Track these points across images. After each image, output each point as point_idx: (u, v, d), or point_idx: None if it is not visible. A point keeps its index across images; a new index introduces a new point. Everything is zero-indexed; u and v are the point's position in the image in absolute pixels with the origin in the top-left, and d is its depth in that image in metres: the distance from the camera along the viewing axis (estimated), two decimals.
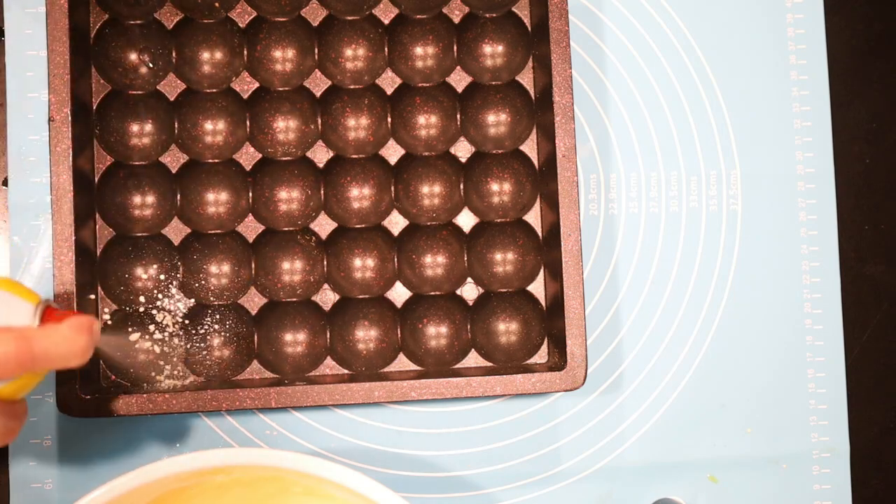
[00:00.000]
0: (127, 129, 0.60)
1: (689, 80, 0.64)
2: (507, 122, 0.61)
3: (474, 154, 0.61)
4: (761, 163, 0.64)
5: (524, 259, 0.61)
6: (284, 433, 0.61)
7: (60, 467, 0.60)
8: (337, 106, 0.61)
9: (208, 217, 0.60)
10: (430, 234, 0.61)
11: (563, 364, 0.57)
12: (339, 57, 0.61)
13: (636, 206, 0.63)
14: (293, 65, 0.61)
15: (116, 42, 0.60)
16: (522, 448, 0.62)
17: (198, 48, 0.60)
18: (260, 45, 0.61)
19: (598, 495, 0.62)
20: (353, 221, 0.61)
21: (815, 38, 0.64)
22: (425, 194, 0.61)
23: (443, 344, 0.60)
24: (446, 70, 0.61)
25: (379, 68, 0.61)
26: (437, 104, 0.61)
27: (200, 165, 0.60)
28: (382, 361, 0.60)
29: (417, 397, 0.57)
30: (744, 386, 0.63)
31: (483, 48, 0.62)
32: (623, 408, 0.62)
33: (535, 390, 0.57)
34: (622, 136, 0.63)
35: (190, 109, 0.60)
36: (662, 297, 0.63)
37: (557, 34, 0.58)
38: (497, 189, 0.61)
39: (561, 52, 0.58)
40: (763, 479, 0.62)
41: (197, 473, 0.50)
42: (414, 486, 0.61)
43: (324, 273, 0.60)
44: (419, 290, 0.61)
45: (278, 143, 0.61)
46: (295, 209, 0.61)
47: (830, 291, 0.63)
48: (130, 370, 0.58)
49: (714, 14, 0.64)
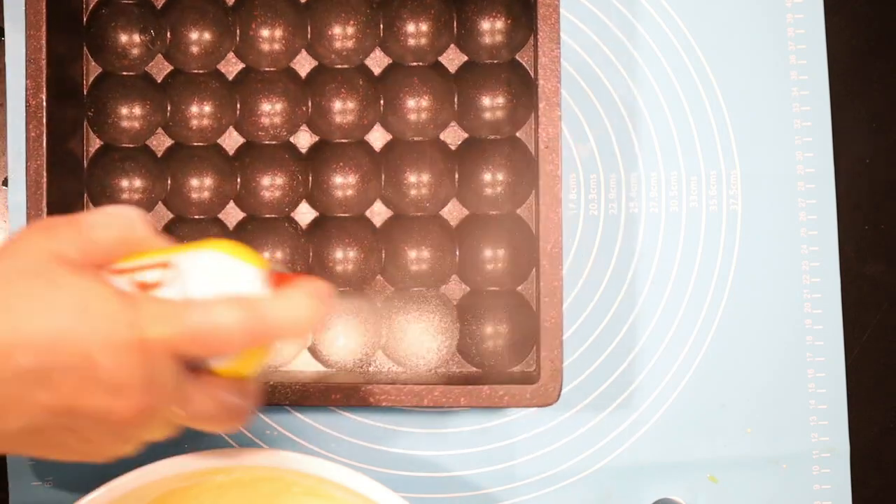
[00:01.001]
0: (119, 112, 0.59)
1: (689, 80, 0.64)
2: (504, 106, 0.59)
3: (467, 140, 0.60)
4: (761, 163, 0.64)
5: (515, 257, 0.58)
6: (284, 433, 0.61)
7: (60, 466, 0.60)
8: (330, 87, 0.60)
9: (191, 202, 0.60)
10: (420, 224, 0.59)
11: (537, 377, 0.52)
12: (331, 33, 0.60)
13: (636, 206, 0.63)
14: (283, 44, 0.59)
15: (114, 23, 0.59)
16: (522, 448, 0.62)
17: (191, 27, 0.59)
18: (254, 23, 0.59)
19: (598, 495, 0.62)
20: (339, 210, 0.60)
21: (815, 38, 0.64)
22: (413, 183, 0.59)
23: (426, 342, 0.59)
24: (441, 49, 0.59)
25: (369, 47, 0.60)
26: (430, 86, 0.59)
27: (188, 148, 0.60)
28: (362, 359, 0.59)
29: (375, 403, 0.53)
30: (744, 386, 0.63)
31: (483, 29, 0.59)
32: (623, 407, 0.62)
33: (501, 404, 0.52)
34: (622, 136, 0.63)
35: (182, 91, 0.60)
36: (662, 297, 0.63)
37: (545, 9, 0.53)
38: (490, 179, 0.59)
39: (548, 30, 0.53)
40: (763, 479, 0.62)
41: (197, 473, 0.50)
42: (414, 486, 0.61)
43: (308, 263, 0.60)
44: (402, 286, 0.59)
45: (265, 126, 0.60)
46: (278, 196, 0.59)
47: (830, 291, 0.63)
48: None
49: (714, 14, 0.64)
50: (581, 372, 0.62)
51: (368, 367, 0.59)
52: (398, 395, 0.53)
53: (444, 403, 0.53)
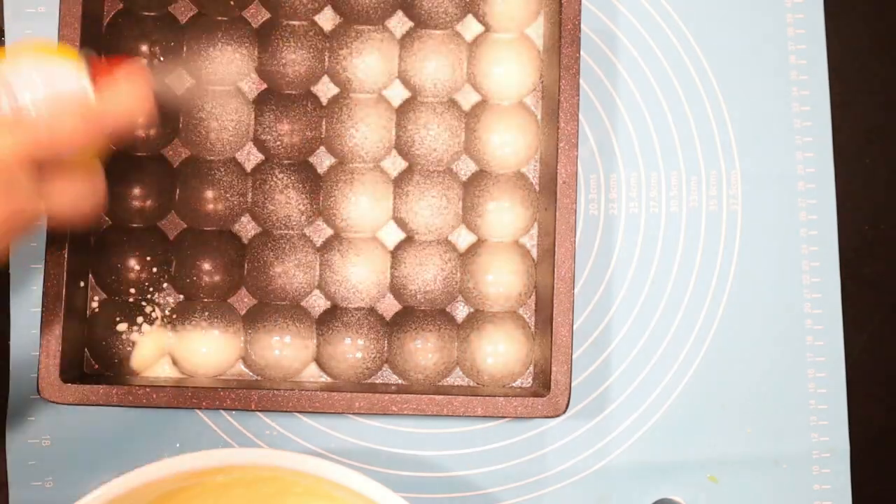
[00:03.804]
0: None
1: (689, 80, 0.64)
2: (512, 143, 0.61)
3: (475, 173, 0.61)
4: (761, 163, 0.64)
5: (517, 279, 0.60)
6: (284, 433, 0.61)
7: (60, 467, 0.60)
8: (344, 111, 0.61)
9: (205, 213, 0.60)
10: (424, 249, 0.61)
11: (546, 391, 0.57)
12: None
13: (636, 206, 0.63)
14: (305, 67, 0.61)
15: (129, 32, 0.60)
16: (523, 448, 0.62)
17: (209, 45, 0.60)
18: (271, 47, 0.60)
19: (598, 495, 0.62)
20: (350, 231, 0.61)
21: (815, 38, 0.64)
22: (423, 207, 0.61)
23: (429, 359, 0.60)
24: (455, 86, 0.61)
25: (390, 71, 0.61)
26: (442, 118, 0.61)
27: (200, 161, 0.60)
28: (367, 373, 0.60)
29: (398, 412, 0.56)
30: (744, 386, 0.63)
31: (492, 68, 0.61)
32: (623, 407, 0.62)
33: (516, 414, 0.56)
34: (622, 136, 0.63)
35: (195, 107, 0.60)
36: (662, 297, 0.63)
37: (567, 59, 0.58)
38: (495, 207, 0.61)
39: (570, 79, 0.57)
40: (763, 479, 0.62)
41: (197, 473, 0.50)
42: (414, 486, 0.61)
43: (315, 279, 0.60)
44: (409, 304, 0.61)
45: (282, 144, 0.61)
46: (292, 213, 0.60)
47: (830, 291, 0.63)
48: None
49: (714, 14, 0.64)
50: (582, 372, 0.62)
51: (375, 380, 0.60)
52: (419, 404, 0.56)
53: (463, 413, 0.56)
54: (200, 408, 0.56)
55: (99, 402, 0.55)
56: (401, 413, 0.56)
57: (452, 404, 0.56)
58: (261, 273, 0.60)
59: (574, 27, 0.57)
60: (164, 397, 0.55)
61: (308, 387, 0.58)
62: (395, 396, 0.56)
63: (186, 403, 0.55)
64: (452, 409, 0.56)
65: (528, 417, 0.58)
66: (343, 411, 0.56)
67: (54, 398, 0.55)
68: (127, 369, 0.59)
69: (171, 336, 0.59)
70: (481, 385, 0.60)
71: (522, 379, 0.60)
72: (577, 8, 0.58)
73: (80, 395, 0.55)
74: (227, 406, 0.56)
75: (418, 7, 0.61)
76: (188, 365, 0.59)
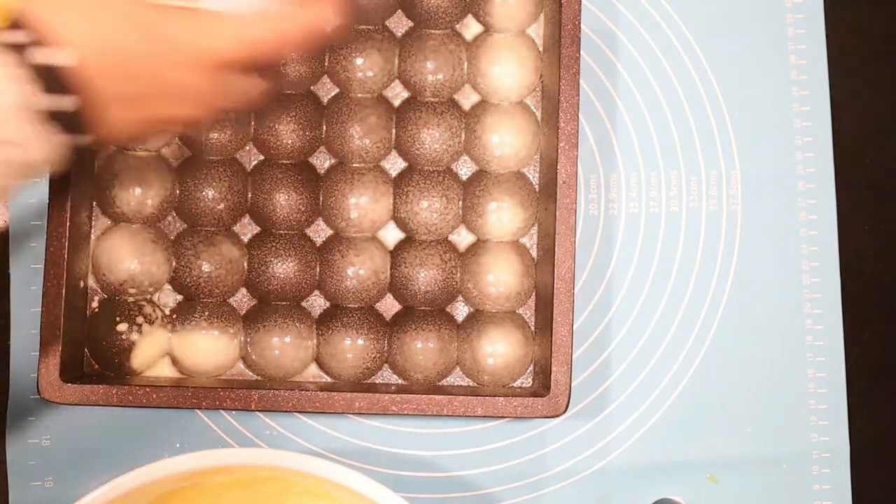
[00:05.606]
0: None
1: (689, 80, 0.64)
2: (512, 143, 0.61)
3: (475, 173, 0.61)
4: (761, 163, 0.64)
5: (517, 279, 0.60)
6: (284, 433, 0.61)
7: (60, 466, 0.60)
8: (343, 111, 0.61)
9: (206, 213, 0.60)
10: (424, 249, 0.61)
11: (546, 391, 0.57)
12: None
13: (636, 206, 0.63)
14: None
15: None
16: (522, 448, 0.62)
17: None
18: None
19: (598, 495, 0.62)
20: (350, 231, 0.61)
21: (815, 38, 0.64)
22: (423, 208, 0.60)
23: (429, 359, 0.60)
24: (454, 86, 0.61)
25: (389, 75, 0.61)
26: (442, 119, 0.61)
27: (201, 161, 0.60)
28: (367, 373, 0.60)
29: (398, 412, 0.56)
30: (744, 386, 0.63)
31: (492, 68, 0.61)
32: (623, 407, 0.62)
33: (516, 414, 0.57)
34: (622, 136, 0.63)
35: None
36: (662, 297, 0.63)
37: (567, 60, 0.58)
38: (495, 207, 0.60)
39: (570, 79, 0.58)
40: (763, 479, 0.62)
41: (197, 473, 0.50)
42: (414, 486, 0.61)
43: (315, 279, 0.60)
44: (410, 304, 0.60)
45: (281, 143, 0.60)
46: (293, 214, 0.60)
47: (830, 291, 0.63)
48: None
49: (714, 14, 0.64)
50: (581, 372, 0.62)
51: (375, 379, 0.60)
52: (418, 404, 0.56)
53: (463, 413, 0.56)
54: (200, 408, 0.56)
55: (99, 402, 0.55)
56: (401, 413, 0.56)
57: (452, 404, 0.56)
58: (261, 273, 0.60)
59: (574, 27, 0.58)
60: (163, 397, 0.55)
61: (308, 387, 0.58)
62: (395, 396, 0.56)
63: (186, 403, 0.56)
64: (452, 409, 0.56)
65: (528, 417, 0.58)
66: (343, 411, 0.56)
67: (54, 398, 0.55)
68: (127, 369, 0.59)
69: (171, 336, 0.59)
70: (481, 385, 0.60)
71: (522, 379, 0.60)
72: (577, 8, 0.58)
73: (80, 395, 0.55)
74: (227, 406, 0.56)
75: (418, 7, 0.61)
76: (188, 365, 0.59)
